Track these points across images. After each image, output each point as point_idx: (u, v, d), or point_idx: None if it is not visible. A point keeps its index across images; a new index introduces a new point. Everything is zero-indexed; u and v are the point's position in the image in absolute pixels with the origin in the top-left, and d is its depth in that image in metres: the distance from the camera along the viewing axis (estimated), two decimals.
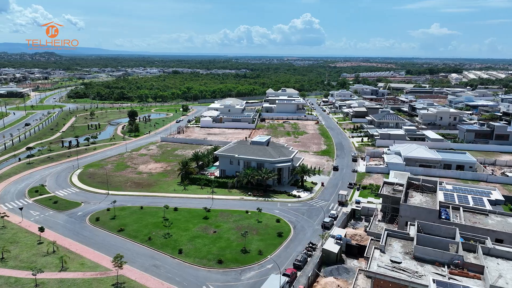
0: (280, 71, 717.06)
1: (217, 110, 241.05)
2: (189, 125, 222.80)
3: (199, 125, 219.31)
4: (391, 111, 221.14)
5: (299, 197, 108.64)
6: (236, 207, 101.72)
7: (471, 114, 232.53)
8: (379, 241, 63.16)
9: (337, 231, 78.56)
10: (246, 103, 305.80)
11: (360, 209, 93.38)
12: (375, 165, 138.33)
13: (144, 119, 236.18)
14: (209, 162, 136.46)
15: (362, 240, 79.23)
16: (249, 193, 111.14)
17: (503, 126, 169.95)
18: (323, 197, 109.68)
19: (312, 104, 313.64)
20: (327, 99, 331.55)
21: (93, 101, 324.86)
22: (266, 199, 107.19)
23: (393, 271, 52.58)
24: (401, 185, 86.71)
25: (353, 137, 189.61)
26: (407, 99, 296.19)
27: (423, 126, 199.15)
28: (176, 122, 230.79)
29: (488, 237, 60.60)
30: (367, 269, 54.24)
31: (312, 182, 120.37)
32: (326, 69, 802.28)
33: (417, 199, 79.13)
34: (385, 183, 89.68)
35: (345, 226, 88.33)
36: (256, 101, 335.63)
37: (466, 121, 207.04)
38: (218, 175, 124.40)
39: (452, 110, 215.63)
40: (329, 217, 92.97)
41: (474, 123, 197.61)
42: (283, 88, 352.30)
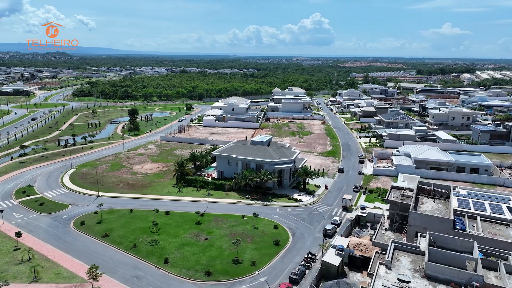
0: (288, 70, 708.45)
1: (220, 109, 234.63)
2: (191, 124, 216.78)
3: (201, 124, 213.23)
4: (401, 111, 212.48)
5: (300, 201, 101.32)
6: (232, 211, 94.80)
7: (485, 115, 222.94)
8: (386, 254, 55.80)
9: (339, 240, 71.15)
10: (252, 102, 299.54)
11: (365, 215, 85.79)
12: (383, 167, 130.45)
13: (146, 117, 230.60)
14: (207, 162, 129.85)
15: (367, 250, 71.76)
16: (247, 196, 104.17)
17: None
18: (326, 201, 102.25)
19: (319, 104, 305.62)
20: (334, 99, 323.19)
21: (97, 100, 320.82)
22: (265, 203, 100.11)
23: None
24: (411, 190, 78.98)
25: (360, 137, 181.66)
26: (417, 98, 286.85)
27: (435, 127, 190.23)
28: (179, 121, 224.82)
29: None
30: None
31: (315, 185, 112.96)
32: (335, 69, 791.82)
33: (428, 206, 71.36)
34: (393, 187, 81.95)
35: (348, 234, 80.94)
36: (262, 100, 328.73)
37: (480, 121, 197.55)
38: (216, 177, 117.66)
39: (465, 110, 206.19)
40: (332, 223, 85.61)
41: (489, 123, 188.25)
42: (289, 87, 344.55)
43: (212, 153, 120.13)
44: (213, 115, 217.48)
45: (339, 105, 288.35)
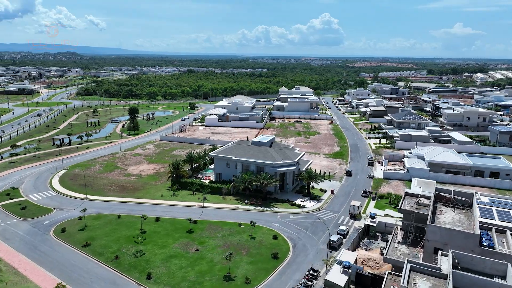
0: (296, 70, 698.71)
1: (224, 108, 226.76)
2: (194, 123, 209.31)
3: (204, 123, 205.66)
4: (413, 111, 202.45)
5: (303, 207, 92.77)
6: (229, 218, 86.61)
7: (501, 115, 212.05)
8: (400, 275, 47.22)
9: (345, 255, 62.52)
10: (258, 101, 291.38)
11: (375, 225, 76.96)
12: (394, 170, 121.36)
13: (147, 116, 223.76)
14: (205, 164, 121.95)
15: (377, 266, 63.18)
16: (245, 201, 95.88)
17: None
18: (332, 207, 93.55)
19: (327, 103, 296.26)
20: (343, 98, 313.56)
21: (101, 98, 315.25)
22: (265, 209, 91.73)
23: None
24: (427, 197, 70.11)
25: (370, 138, 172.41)
26: (429, 98, 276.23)
27: (449, 127, 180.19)
28: (181, 120, 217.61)
29: None
30: None
31: (320, 189, 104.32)
32: (344, 68, 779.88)
33: (448, 217, 62.43)
34: (406, 194, 73.09)
35: (356, 246, 72.28)
36: (268, 99, 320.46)
37: (497, 122, 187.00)
38: (214, 180, 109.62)
39: (481, 110, 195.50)
40: (338, 234, 77.01)
41: (507, 124, 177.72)
42: (296, 86, 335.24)
43: (210, 154, 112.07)
44: (216, 114, 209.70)
45: (348, 105, 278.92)
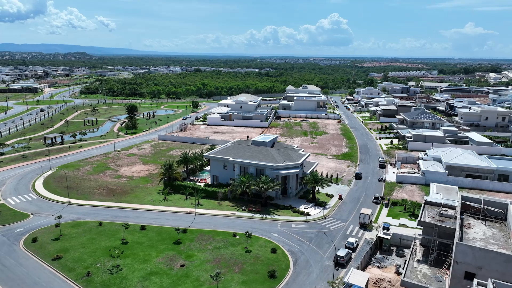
0: (304, 70, 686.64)
1: (227, 107, 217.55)
2: (195, 122, 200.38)
3: (206, 122, 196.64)
4: (426, 110, 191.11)
5: (307, 214, 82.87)
6: (223, 226, 77.09)
7: None
8: None
9: (355, 276, 52.62)
10: (263, 100, 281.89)
11: (389, 238, 66.78)
12: (408, 173, 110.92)
13: (148, 115, 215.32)
14: (202, 165, 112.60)
15: None
16: (243, 207, 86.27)
17: None
18: (339, 215, 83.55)
19: (335, 102, 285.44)
20: (352, 97, 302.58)
21: (103, 97, 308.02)
22: (264, 216, 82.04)
23: None
24: (451, 207, 59.87)
25: (380, 138, 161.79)
26: (442, 97, 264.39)
27: (465, 127, 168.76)
28: (183, 119, 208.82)
29: None
30: None
31: (327, 194, 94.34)
32: (353, 68, 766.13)
33: (478, 231, 52.21)
34: (426, 203, 62.86)
35: (367, 262, 62.26)
36: (274, 98, 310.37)
37: None
38: (210, 183, 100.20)
39: (500, 109, 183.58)
40: (346, 247, 67.07)
41: None
42: (304, 85, 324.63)
43: (205, 154, 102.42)
44: (218, 113, 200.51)
45: (357, 104, 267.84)
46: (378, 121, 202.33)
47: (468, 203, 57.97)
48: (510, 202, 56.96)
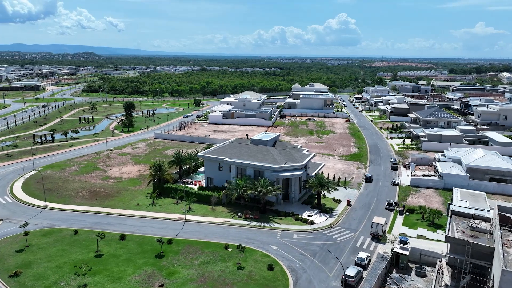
0: (312, 69, 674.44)
1: (230, 104, 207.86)
2: (196, 120, 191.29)
3: (207, 120, 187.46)
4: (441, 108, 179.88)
5: (311, 222, 72.88)
6: (215, 236, 67.45)
7: None
8: None
9: None
10: (269, 98, 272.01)
11: (407, 254, 56.54)
12: (424, 176, 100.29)
13: (147, 113, 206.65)
14: (197, 166, 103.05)
15: None
16: (239, 214, 76.53)
17: None
18: (348, 224, 73.46)
19: (343, 101, 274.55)
20: (360, 96, 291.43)
21: (105, 95, 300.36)
22: (263, 224, 72.22)
23: None
24: (485, 219, 49.57)
25: (391, 138, 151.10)
26: (454, 96, 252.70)
27: (484, 126, 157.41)
28: (184, 117, 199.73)
29: None
30: None
31: (333, 200, 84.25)
32: (361, 68, 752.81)
33: None
34: (453, 214, 52.57)
35: (382, 284, 52.16)
36: (280, 97, 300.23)
37: None
38: (204, 185, 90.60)
39: None
40: (356, 264, 57.00)
41: None
42: (310, 83, 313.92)
43: (198, 154, 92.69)
44: (220, 111, 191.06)
45: (366, 103, 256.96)
46: (388, 120, 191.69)
47: (507, 214, 47.58)
48: None
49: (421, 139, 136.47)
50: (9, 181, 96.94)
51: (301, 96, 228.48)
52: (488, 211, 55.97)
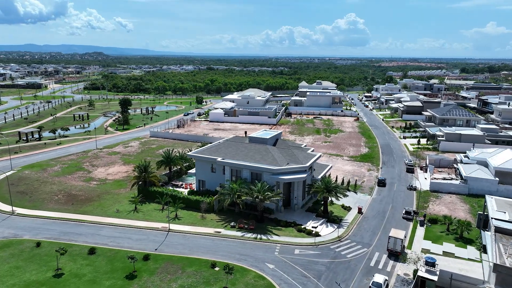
0: (320, 69, 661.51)
1: (233, 102, 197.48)
2: (197, 118, 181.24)
3: (208, 118, 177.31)
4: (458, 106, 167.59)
5: (316, 235, 61.89)
6: (201, 251, 56.82)
7: None
8: None
9: None
10: (274, 96, 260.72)
11: (435, 279, 45.30)
12: (444, 179, 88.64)
13: (146, 110, 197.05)
14: (190, 167, 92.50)
15: None
16: (232, 223, 65.80)
17: None
18: (360, 236, 62.36)
19: (352, 100, 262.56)
20: (370, 94, 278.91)
21: (106, 92, 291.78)
22: (259, 236, 61.43)
23: None
24: None
25: (405, 137, 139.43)
26: (469, 94, 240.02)
27: (506, 125, 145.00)
28: (184, 115, 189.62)
29: None
30: None
31: (342, 207, 73.20)
32: (370, 67, 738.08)
33: None
34: (497, 231, 41.35)
35: None
36: (286, 95, 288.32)
37: None
38: (196, 189, 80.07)
39: None
40: None
41: None
42: (318, 81, 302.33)
43: (188, 154, 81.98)
44: (222, 108, 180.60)
45: (376, 101, 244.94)
46: (400, 118, 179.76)
47: None
48: None
49: (438, 138, 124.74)
50: None
51: (307, 93, 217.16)
52: None
